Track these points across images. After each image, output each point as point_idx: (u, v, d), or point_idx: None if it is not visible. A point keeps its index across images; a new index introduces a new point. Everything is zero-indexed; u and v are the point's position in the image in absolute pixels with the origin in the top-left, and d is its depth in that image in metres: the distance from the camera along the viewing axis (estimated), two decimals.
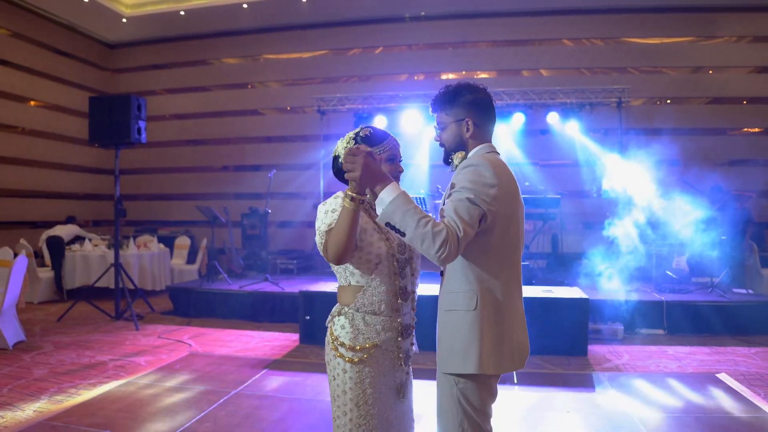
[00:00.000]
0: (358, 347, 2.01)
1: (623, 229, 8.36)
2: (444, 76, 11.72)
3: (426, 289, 3.30)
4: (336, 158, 2.16)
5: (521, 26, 11.31)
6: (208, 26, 11.67)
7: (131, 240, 9.05)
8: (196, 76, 12.58)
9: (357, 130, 2.15)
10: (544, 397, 4.56)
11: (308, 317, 6.29)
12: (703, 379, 4.92)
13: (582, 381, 4.96)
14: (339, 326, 2.06)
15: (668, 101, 11.01)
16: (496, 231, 1.97)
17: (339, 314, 2.08)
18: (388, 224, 1.85)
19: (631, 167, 9.06)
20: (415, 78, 11.80)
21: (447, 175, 2.14)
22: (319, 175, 11.01)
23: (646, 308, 6.66)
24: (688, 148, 10.09)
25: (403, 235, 1.84)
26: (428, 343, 2.47)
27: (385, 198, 1.83)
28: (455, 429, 1.99)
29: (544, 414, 4.17)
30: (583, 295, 5.87)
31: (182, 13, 10.62)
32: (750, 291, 7.29)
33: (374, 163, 1.85)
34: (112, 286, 8.27)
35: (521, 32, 11.35)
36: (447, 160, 2.18)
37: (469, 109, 2.08)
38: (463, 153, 2.12)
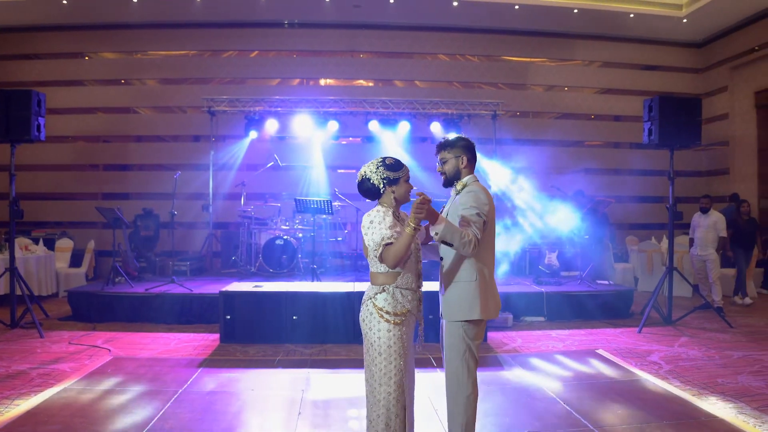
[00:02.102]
0: (398, 312, 2.81)
1: (502, 229, 9.43)
2: (323, 82, 12.21)
3: None
4: (366, 179, 2.87)
5: (402, 39, 12.16)
6: (89, 18, 11.09)
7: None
8: (71, 70, 11.84)
9: (380, 158, 2.87)
10: None
11: (229, 316, 6.47)
12: (586, 355, 5.94)
13: (489, 361, 5.75)
14: (382, 299, 2.82)
15: (530, 114, 12.44)
16: (486, 231, 2.97)
17: (381, 291, 2.84)
18: (443, 241, 2.77)
19: (506, 173, 10.22)
20: (292, 83, 12.13)
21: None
22: (208, 175, 10.84)
23: (529, 299, 7.69)
24: (551, 158, 11.56)
25: (452, 245, 2.80)
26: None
27: (439, 227, 2.74)
28: (461, 357, 3.00)
29: None
30: None
31: (65, 1, 10.02)
32: (610, 282, 8.64)
33: (432, 207, 2.67)
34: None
35: (402, 45, 12.19)
36: (447, 185, 3.19)
37: (463, 150, 3.12)
38: (464, 182, 3.11)
